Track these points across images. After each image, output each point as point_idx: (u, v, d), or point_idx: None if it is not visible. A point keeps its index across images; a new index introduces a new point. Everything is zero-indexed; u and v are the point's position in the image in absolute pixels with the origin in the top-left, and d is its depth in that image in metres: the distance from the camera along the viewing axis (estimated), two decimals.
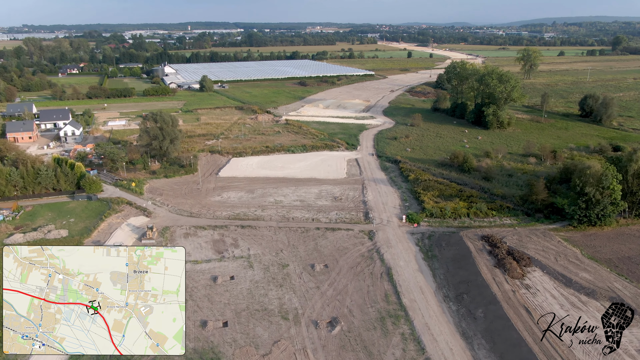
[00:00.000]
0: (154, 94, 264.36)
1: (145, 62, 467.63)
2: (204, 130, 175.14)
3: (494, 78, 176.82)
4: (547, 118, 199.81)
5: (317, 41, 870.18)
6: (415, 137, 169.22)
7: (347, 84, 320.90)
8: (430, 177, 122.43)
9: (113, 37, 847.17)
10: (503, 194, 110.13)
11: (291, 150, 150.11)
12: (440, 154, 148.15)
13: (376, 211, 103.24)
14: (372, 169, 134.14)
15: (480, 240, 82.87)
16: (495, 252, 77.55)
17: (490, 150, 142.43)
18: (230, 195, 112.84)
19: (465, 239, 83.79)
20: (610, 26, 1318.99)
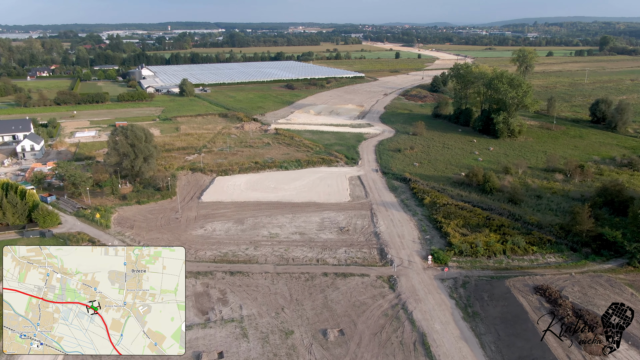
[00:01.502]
0: (129, 99, 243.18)
1: (122, 63, 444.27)
2: (184, 143, 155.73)
3: (504, 82, 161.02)
4: (557, 125, 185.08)
5: (300, 41, 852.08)
6: (421, 149, 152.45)
7: (337, 86, 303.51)
8: (448, 200, 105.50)
9: (89, 37, 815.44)
10: (538, 221, 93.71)
11: (284, 166, 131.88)
12: (453, 169, 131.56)
13: (393, 247, 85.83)
14: (378, 189, 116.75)
15: (535, 294, 65.91)
16: (559, 313, 60.66)
17: (510, 166, 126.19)
18: (215, 228, 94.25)
19: (515, 291, 66.75)
20: (591, 26, 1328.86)
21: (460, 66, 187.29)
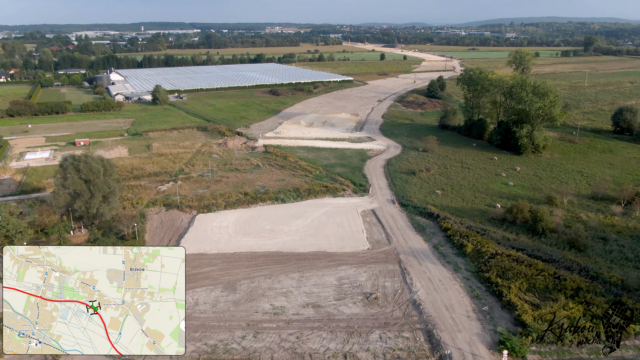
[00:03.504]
0: (95, 109, 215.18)
1: (90, 67, 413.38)
2: (157, 167, 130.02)
3: (528, 91, 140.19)
4: (580, 137, 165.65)
5: (279, 42, 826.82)
6: (437, 169, 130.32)
7: (326, 92, 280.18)
8: (495, 247, 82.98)
9: (57, 38, 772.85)
10: (622, 280, 72.14)
11: (280, 198, 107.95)
12: (483, 198, 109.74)
13: (443, 328, 62.91)
14: (401, 229, 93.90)
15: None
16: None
17: (554, 195, 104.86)
18: (198, 299, 69.77)
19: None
20: (566, 26, 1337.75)
21: (471, 71, 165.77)
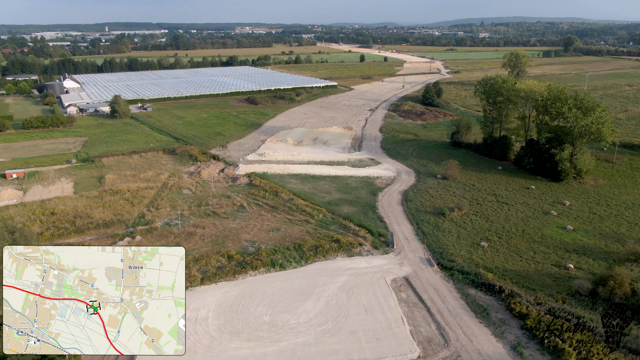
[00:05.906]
0: (40, 125, 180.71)
1: (44, 72, 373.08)
2: (109, 213, 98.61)
3: (571, 106, 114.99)
4: (617, 156, 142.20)
5: (251, 43, 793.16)
6: (470, 207, 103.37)
7: (309, 99, 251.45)
8: (597, 348, 56.20)
9: (11, 39, 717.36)
10: None
11: (278, 262, 78.70)
12: (543, 252, 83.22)
13: None
14: (455, 315, 66.28)
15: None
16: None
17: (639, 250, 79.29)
18: None
19: None
20: (536, 26, 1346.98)
21: (492, 80, 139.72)
